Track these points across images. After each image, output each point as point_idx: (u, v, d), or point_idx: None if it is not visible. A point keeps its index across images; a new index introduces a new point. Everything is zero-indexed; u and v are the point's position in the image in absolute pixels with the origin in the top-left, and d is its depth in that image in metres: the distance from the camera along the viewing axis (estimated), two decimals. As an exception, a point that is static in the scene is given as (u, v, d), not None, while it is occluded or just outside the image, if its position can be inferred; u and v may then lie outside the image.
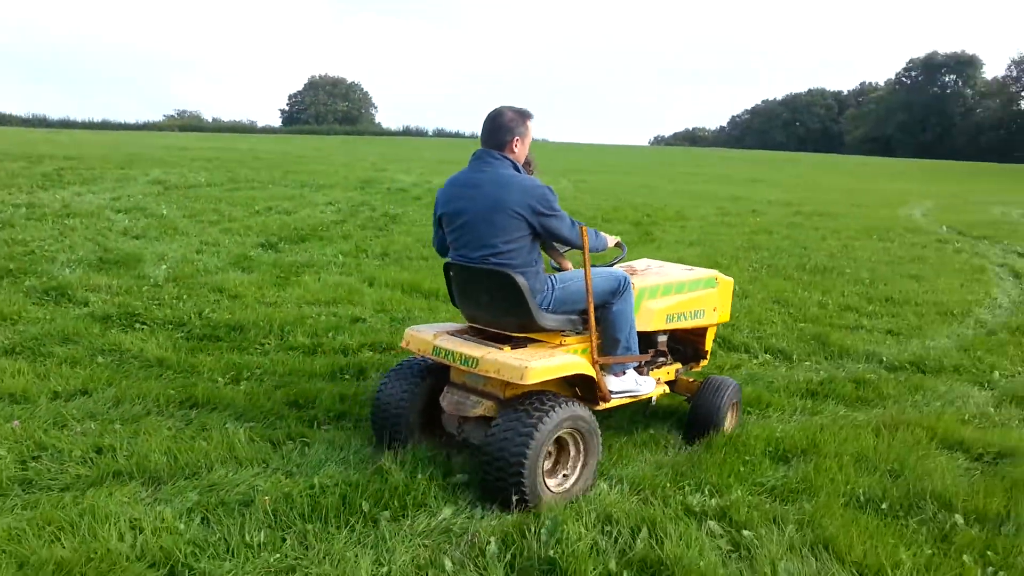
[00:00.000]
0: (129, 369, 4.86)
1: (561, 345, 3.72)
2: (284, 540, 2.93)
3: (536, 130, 3.81)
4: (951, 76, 76.66)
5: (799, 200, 18.66)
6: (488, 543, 2.94)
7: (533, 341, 3.70)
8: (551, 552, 2.88)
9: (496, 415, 3.46)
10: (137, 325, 5.79)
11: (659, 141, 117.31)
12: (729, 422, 4.28)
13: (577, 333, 3.77)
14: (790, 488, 3.59)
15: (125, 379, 4.61)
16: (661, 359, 4.39)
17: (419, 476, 3.39)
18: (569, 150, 50.61)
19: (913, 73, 78.71)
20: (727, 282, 4.57)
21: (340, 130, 70.01)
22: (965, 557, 3.01)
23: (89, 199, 12.26)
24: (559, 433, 3.38)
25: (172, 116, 74.21)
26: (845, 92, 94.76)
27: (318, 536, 2.95)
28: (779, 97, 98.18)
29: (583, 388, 3.77)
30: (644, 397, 4.01)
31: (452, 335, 3.78)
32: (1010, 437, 4.28)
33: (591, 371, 3.60)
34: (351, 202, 14.01)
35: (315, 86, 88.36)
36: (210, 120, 72.33)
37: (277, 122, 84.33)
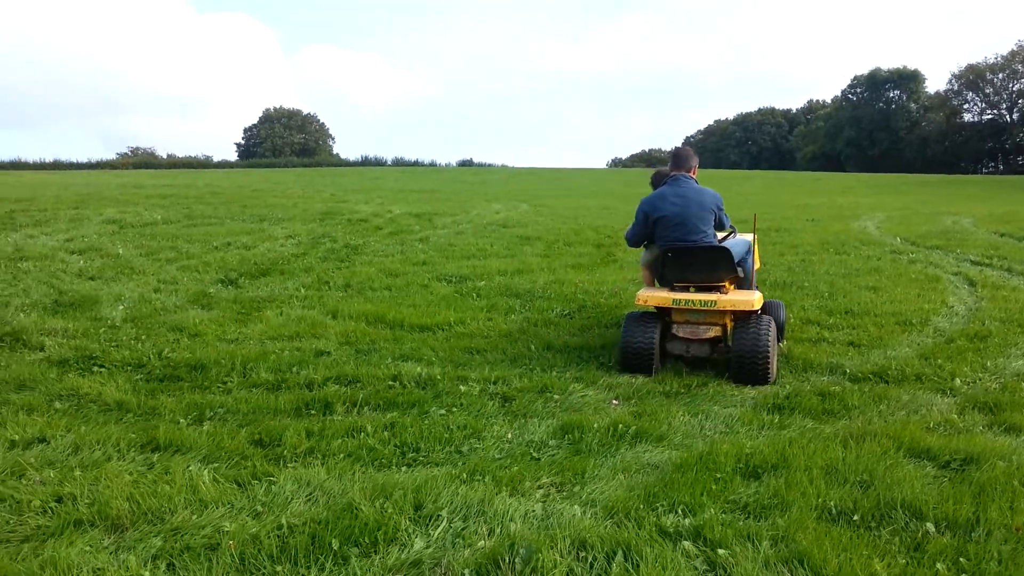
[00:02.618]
0: (88, 414, 4.74)
1: (732, 286, 5.99)
2: (253, 583, 2.85)
3: (496, 156, 3.86)
4: (895, 91, 78.58)
5: (756, 225, 18.89)
6: (462, 575, 2.89)
7: (719, 288, 5.83)
8: (527, 581, 2.84)
9: (722, 335, 5.82)
10: (95, 368, 5.66)
11: (617, 163, 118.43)
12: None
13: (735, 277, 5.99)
14: (762, 504, 3.59)
15: (84, 424, 4.49)
16: None
17: (389, 510, 3.33)
18: (529, 175, 50.90)
19: (858, 89, 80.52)
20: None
21: (298, 162, 69.64)
22: (939, 565, 3.03)
23: (42, 241, 12.03)
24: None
25: (126, 154, 73.35)
26: (794, 110, 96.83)
27: (288, 577, 2.88)
28: (731, 117, 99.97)
29: None
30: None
31: (672, 292, 5.88)
32: (975, 443, 4.33)
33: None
34: (311, 234, 13.91)
35: (270, 119, 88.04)
36: (165, 156, 71.64)
37: (233, 156, 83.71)
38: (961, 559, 3.09)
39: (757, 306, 5.68)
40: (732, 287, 6.02)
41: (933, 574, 2.97)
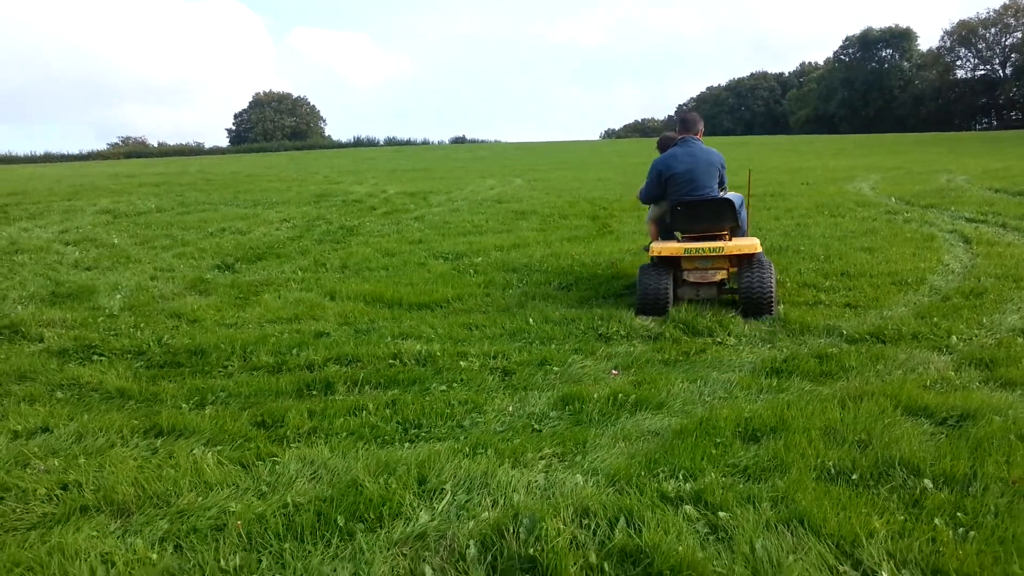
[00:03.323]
0: (90, 402, 4.76)
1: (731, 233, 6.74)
2: (260, 562, 2.88)
3: (489, 132, 3.93)
4: (888, 51, 78.23)
5: (751, 182, 18.87)
6: (468, 547, 2.93)
7: (721, 237, 6.62)
8: (531, 551, 2.88)
9: (727, 277, 6.70)
10: (95, 357, 5.68)
11: (611, 134, 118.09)
12: None
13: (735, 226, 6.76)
14: (762, 467, 3.63)
15: (86, 413, 4.51)
16: None
17: (393, 486, 3.36)
18: (522, 149, 50.72)
19: (850, 50, 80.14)
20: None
21: (290, 145, 69.47)
22: (936, 520, 3.06)
23: (37, 233, 12.03)
24: None
25: (117, 144, 73.07)
26: (786, 74, 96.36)
27: (294, 554, 2.92)
28: (723, 83, 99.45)
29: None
30: None
31: (681, 243, 6.63)
32: (971, 399, 4.37)
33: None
34: (306, 217, 13.90)
35: (260, 103, 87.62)
36: (156, 145, 71.35)
37: (225, 142, 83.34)
38: (958, 514, 3.12)
39: (759, 249, 6.50)
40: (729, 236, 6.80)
41: (931, 529, 3.00)
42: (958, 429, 4.01)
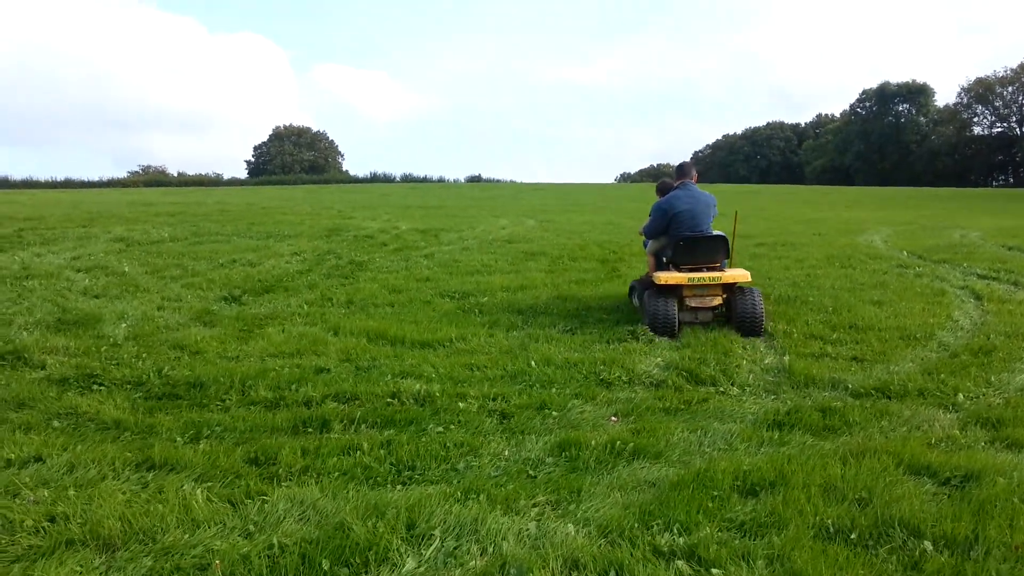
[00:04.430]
0: (85, 432, 4.74)
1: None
2: (241, 604, 2.83)
3: (506, 172, 4.01)
4: (904, 105, 78.63)
5: (761, 232, 18.90)
6: (453, 596, 2.87)
7: (716, 268, 7.71)
8: (517, 602, 2.81)
9: (721, 303, 7.70)
10: (95, 386, 5.67)
11: (626, 178, 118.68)
12: None
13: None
14: (759, 522, 3.56)
15: (80, 443, 4.48)
16: None
17: (381, 529, 3.31)
18: (537, 190, 50.99)
19: (867, 103, 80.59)
20: None
21: (307, 179, 70.15)
22: (935, 584, 2.99)
23: (49, 259, 12.11)
24: None
25: (137, 172, 73.94)
26: (803, 124, 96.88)
27: (277, 598, 2.87)
28: (739, 131, 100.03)
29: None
30: None
31: (683, 273, 7.59)
32: (976, 459, 4.29)
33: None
34: (317, 251, 13.96)
35: (280, 137, 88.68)
36: (175, 175, 72.14)
37: (244, 174, 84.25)
38: (959, 578, 3.04)
39: (749, 278, 7.60)
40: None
41: (929, 594, 2.93)
42: (961, 490, 3.93)
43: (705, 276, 7.49)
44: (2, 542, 3.31)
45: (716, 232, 7.93)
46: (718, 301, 7.65)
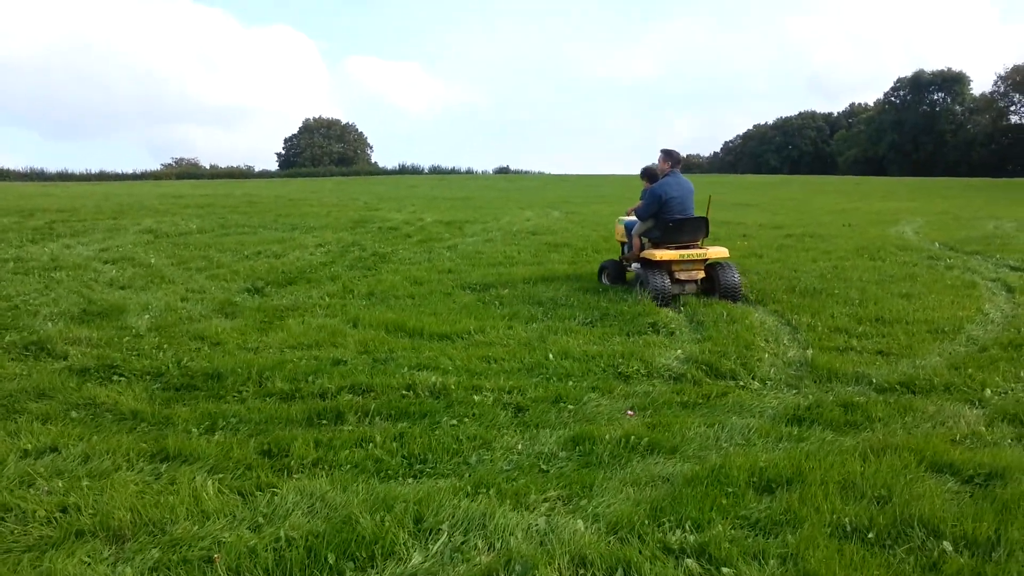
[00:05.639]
0: (102, 423, 4.78)
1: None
2: (245, 597, 2.83)
3: (535, 163, 4.06)
4: (939, 94, 77.02)
5: (789, 223, 18.66)
6: (457, 592, 2.84)
7: (698, 246, 8.90)
8: (521, 599, 2.78)
9: (704, 276, 8.87)
10: (115, 377, 5.72)
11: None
12: None
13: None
14: (774, 520, 3.48)
15: (96, 434, 4.52)
16: None
17: (388, 523, 3.29)
18: (564, 182, 50.83)
19: (901, 92, 79.07)
20: None
21: (336, 171, 70.43)
22: (953, 586, 2.90)
23: (78, 251, 12.28)
24: None
25: (170, 164, 74.70)
26: (835, 114, 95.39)
27: (280, 592, 2.85)
28: (770, 121, 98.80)
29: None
30: None
31: (672, 250, 8.71)
32: (1001, 457, 4.17)
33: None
34: (341, 242, 14.01)
35: (310, 129, 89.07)
36: (208, 167, 72.82)
37: (274, 166, 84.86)
38: (978, 580, 2.96)
39: (727, 254, 8.93)
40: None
41: (947, 596, 2.85)
42: (984, 489, 3.82)
43: (693, 253, 8.72)
44: (14, 532, 3.35)
45: (698, 215, 9.08)
46: (702, 274, 8.87)
